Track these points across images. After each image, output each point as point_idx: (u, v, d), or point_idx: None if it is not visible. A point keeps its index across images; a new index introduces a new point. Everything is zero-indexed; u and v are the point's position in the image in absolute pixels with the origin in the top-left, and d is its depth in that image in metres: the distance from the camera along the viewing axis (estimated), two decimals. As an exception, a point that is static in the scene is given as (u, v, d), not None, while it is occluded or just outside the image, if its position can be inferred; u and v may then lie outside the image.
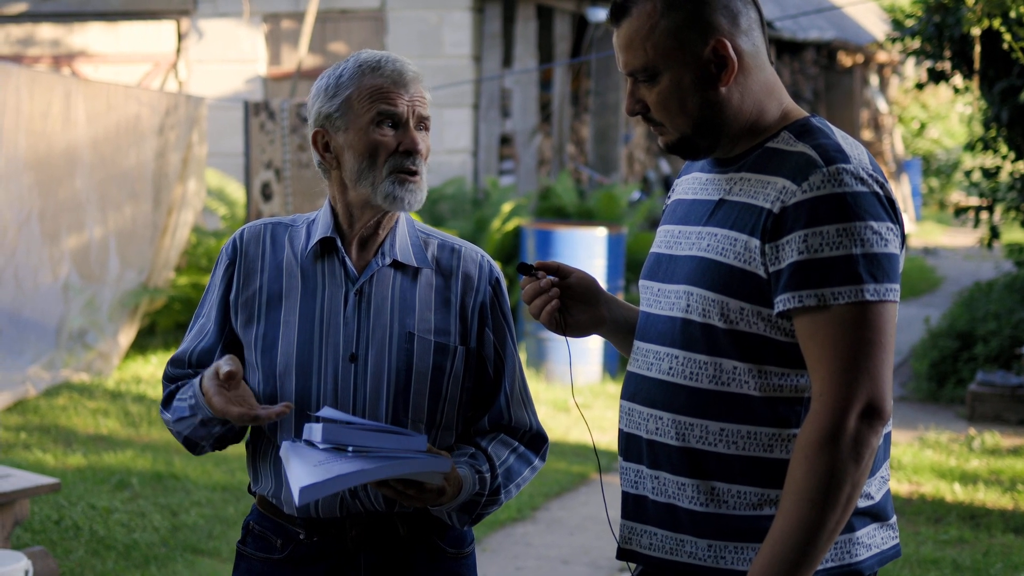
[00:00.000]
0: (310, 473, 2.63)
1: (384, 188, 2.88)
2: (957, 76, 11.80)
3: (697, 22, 2.62)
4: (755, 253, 2.57)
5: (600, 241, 11.69)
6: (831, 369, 2.49)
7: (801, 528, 2.48)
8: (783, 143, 2.65)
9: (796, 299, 2.52)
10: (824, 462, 2.47)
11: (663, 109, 2.67)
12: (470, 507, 2.91)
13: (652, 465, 2.71)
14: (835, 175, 2.53)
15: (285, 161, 11.73)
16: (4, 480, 6.08)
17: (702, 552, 2.65)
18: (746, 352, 2.60)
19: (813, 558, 2.50)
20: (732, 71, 2.64)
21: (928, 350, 12.00)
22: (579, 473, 8.71)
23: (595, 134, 16.20)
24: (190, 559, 6.79)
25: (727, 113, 2.66)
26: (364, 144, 2.88)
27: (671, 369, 2.67)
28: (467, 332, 2.98)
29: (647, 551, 2.75)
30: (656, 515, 2.72)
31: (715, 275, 2.61)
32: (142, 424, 9.66)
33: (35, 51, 16.56)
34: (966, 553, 7.10)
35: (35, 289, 11.15)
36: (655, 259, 2.82)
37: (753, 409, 2.60)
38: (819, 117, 2.74)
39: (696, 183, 2.81)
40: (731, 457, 2.62)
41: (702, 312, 2.62)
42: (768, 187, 2.60)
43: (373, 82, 2.88)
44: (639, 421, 2.73)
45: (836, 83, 24.21)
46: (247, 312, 2.98)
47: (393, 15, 15.14)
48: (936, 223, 28.07)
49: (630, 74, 2.69)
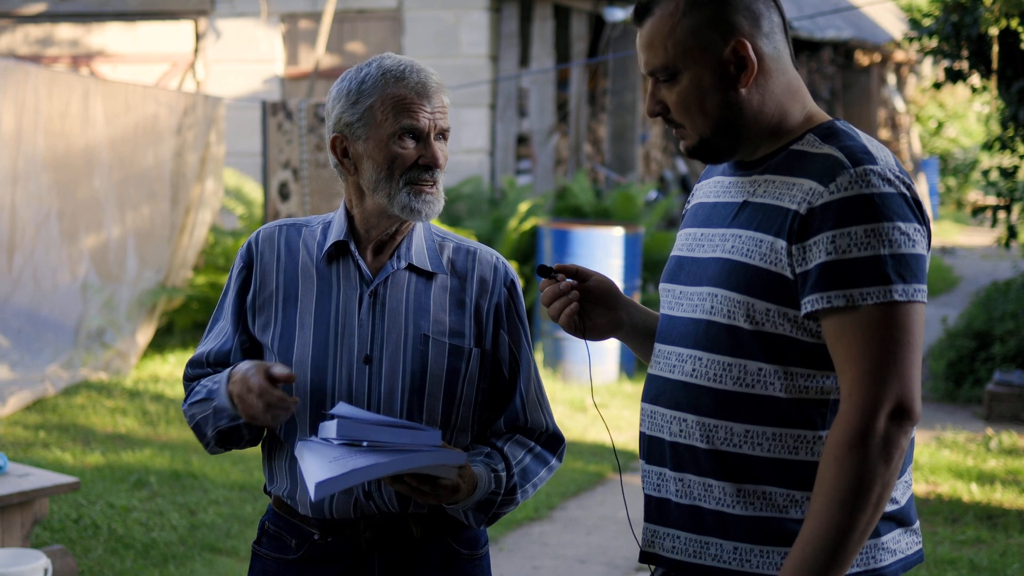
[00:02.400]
0: (325, 468, 2.65)
1: (400, 199, 2.88)
2: (975, 75, 11.77)
3: (718, 22, 2.63)
4: (781, 254, 2.57)
5: (617, 241, 11.68)
6: (860, 369, 2.49)
7: (832, 530, 2.47)
8: (808, 145, 2.65)
9: (824, 300, 2.51)
10: (854, 463, 2.46)
11: (683, 110, 2.67)
12: (486, 506, 2.91)
13: (676, 467, 2.70)
14: (863, 176, 2.53)
15: (303, 161, 11.76)
16: (23, 479, 6.10)
17: (727, 555, 2.65)
18: (771, 353, 2.59)
19: (844, 560, 2.49)
20: (752, 72, 2.64)
21: (945, 350, 11.97)
22: (596, 473, 8.72)
23: (612, 134, 16.20)
24: (208, 558, 6.81)
25: (747, 115, 2.66)
26: (383, 156, 2.88)
27: (695, 371, 2.67)
28: (482, 334, 2.98)
29: (670, 554, 2.74)
30: (680, 518, 2.71)
31: (740, 276, 2.61)
32: (160, 423, 9.69)
33: (54, 51, 16.61)
34: (983, 553, 7.08)
35: (54, 288, 11.20)
36: (676, 262, 2.82)
37: (779, 411, 2.60)
38: (843, 120, 2.74)
39: (718, 187, 2.81)
40: (757, 459, 2.61)
41: (727, 313, 2.62)
42: (794, 188, 2.60)
43: (397, 92, 2.87)
44: (662, 423, 2.73)
45: (853, 82, 24.16)
46: (264, 314, 3.00)
47: (410, 15, 15.15)
48: (953, 222, 28.00)
49: (651, 74, 2.70)
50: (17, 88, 10.43)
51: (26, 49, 16.57)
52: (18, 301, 10.97)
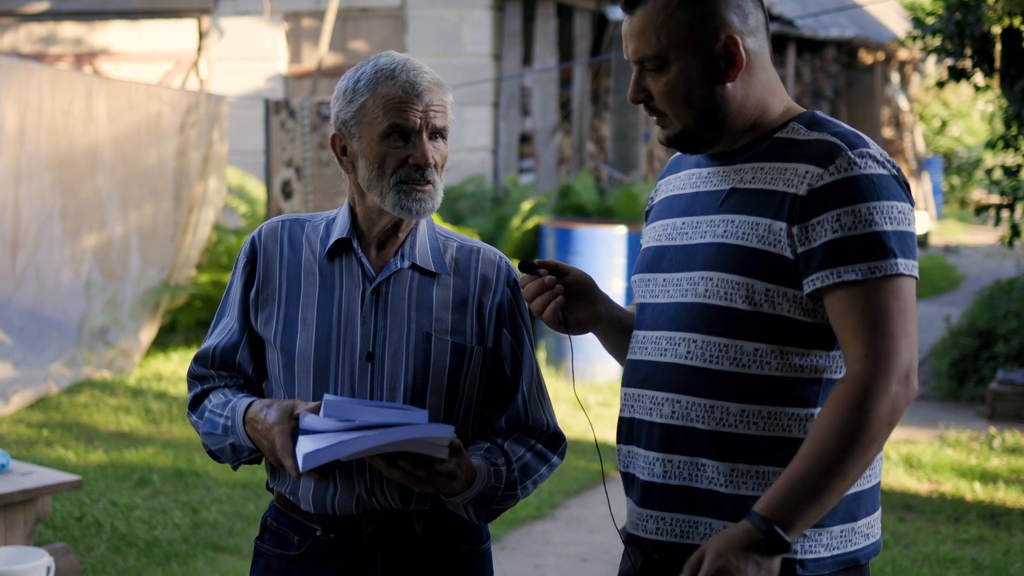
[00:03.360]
0: (313, 442, 2.69)
1: (391, 199, 2.89)
2: (978, 74, 11.77)
3: (711, 17, 2.70)
4: (780, 235, 2.64)
5: (620, 239, 11.68)
6: (874, 336, 2.55)
7: (823, 473, 2.51)
8: (794, 133, 2.73)
9: (835, 275, 2.58)
10: (862, 417, 2.52)
11: (667, 99, 2.73)
12: (486, 501, 2.91)
13: (663, 448, 2.74)
14: (861, 157, 2.63)
15: (305, 159, 11.76)
16: (26, 477, 6.11)
17: (717, 533, 2.67)
18: (768, 333, 2.65)
19: (825, 505, 2.54)
20: (740, 68, 2.71)
21: (948, 348, 11.96)
22: (598, 471, 8.71)
23: (615, 132, 16.19)
24: (211, 556, 6.82)
25: (731, 108, 2.73)
26: (374, 154, 2.89)
27: (689, 353, 2.71)
28: (484, 332, 2.99)
29: (654, 536, 2.78)
30: (666, 499, 2.75)
31: (737, 259, 2.67)
32: (163, 421, 9.70)
33: (57, 50, 16.62)
34: (986, 552, 7.08)
35: (57, 287, 11.21)
36: (655, 252, 2.87)
37: (774, 390, 2.66)
38: (821, 112, 2.83)
39: (695, 178, 2.86)
40: (752, 437, 2.66)
41: (724, 295, 2.68)
42: (787, 173, 2.67)
43: (387, 91, 2.87)
44: (651, 406, 2.77)
45: (857, 81, 24.14)
46: (267, 309, 3.00)
47: (413, 13, 15.16)
48: (957, 221, 27.97)
49: (638, 61, 2.75)
50: (20, 87, 10.43)
51: (29, 47, 16.58)
52: (21, 300, 10.98)
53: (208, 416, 3.00)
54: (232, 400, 2.96)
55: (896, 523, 7.60)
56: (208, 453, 3.07)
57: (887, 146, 24.16)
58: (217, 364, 3.06)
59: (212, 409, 3.00)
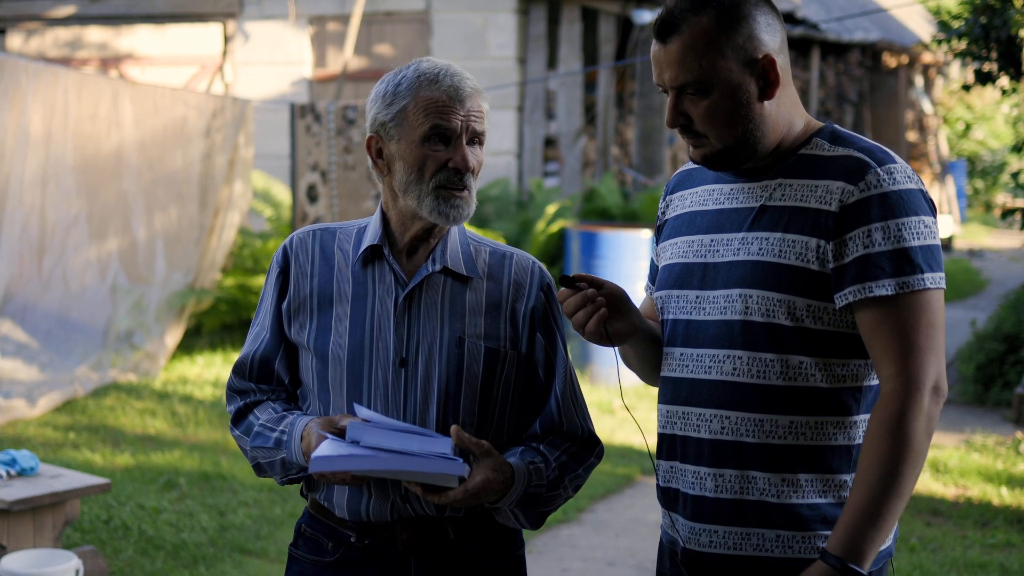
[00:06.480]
0: (330, 449, 2.75)
1: (429, 203, 2.89)
2: (1004, 78, 11.72)
3: (751, 40, 2.74)
4: (816, 252, 2.71)
5: (644, 243, 11.68)
6: (904, 352, 2.64)
7: (884, 498, 2.60)
8: (818, 149, 2.79)
9: (866, 290, 2.66)
10: (905, 437, 2.60)
11: (710, 121, 2.77)
12: (532, 501, 2.90)
13: (714, 464, 2.80)
14: (889, 174, 2.70)
15: (331, 163, 11.78)
16: (55, 480, 6.13)
17: (770, 543, 2.76)
18: (812, 347, 2.73)
19: (890, 524, 2.62)
20: (777, 86, 2.77)
21: (974, 353, 11.93)
22: (624, 475, 8.71)
23: (639, 136, 16.19)
24: (238, 559, 6.83)
25: (768, 126, 2.79)
26: (414, 157, 2.89)
27: (736, 370, 2.77)
28: (518, 337, 2.99)
29: (707, 548, 2.82)
30: (718, 513, 2.80)
31: (775, 276, 2.73)
32: (189, 424, 9.73)
33: (83, 54, 16.68)
34: (1014, 557, 7.06)
35: (82, 290, 11.25)
36: (684, 268, 2.90)
37: (820, 400, 2.74)
38: (836, 123, 2.90)
39: (717, 194, 2.90)
40: (800, 448, 2.74)
41: (765, 312, 2.73)
42: (818, 190, 2.73)
43: (430, 95, 2.89)
44: (698, 423, 2.82)
45: (881, 84, 24.07)
46: (300, 318, 3.01)
47: (438, 17, 15.18)
48: (981, 225, 27.89)
49: (678, 88, 2.77)
50: (46, 91, 10.47)
51: (55, 52, 16.65)
52: (48, 303, 11.02)
53: (258, 430, 3.02)
54: (289, 416, 2.97)
55: (923, 528, 7.59)
56: (254, 467, 3.08)
57: (911, 149, 24.11)
58: (255, 375, 3.07)
59: (264, 423, 3.01)
